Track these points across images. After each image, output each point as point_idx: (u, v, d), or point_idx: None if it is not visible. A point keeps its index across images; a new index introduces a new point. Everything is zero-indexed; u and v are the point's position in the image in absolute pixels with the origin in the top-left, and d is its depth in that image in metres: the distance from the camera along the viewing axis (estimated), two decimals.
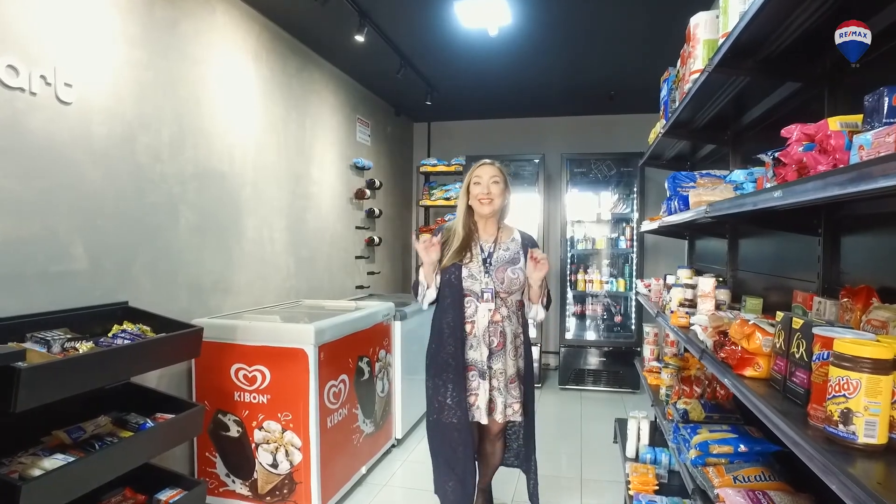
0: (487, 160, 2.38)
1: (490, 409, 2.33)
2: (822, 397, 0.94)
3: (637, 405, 4.77)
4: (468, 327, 2.31)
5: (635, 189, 5.39)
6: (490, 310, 2.29)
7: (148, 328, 2.30)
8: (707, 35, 1.84)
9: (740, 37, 1.44)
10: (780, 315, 1.26)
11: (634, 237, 5.37)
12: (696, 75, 1.90)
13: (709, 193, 2.00)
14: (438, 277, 2.32)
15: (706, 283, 2.06)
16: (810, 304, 1.62)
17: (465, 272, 2.29)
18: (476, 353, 2.30)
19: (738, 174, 1.37)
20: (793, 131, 1.07)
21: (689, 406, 2.23)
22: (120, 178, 2.40)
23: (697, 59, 1.89)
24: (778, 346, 1.23)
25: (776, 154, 1.10)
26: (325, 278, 4.29)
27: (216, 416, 2.76)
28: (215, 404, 2.76)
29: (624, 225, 5.58)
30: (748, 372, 1.34)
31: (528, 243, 2.43)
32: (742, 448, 1.72)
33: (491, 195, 2.32)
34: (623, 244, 5.49)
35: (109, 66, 2.34)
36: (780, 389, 1.21)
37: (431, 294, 2.35)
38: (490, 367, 2.31)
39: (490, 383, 2.31)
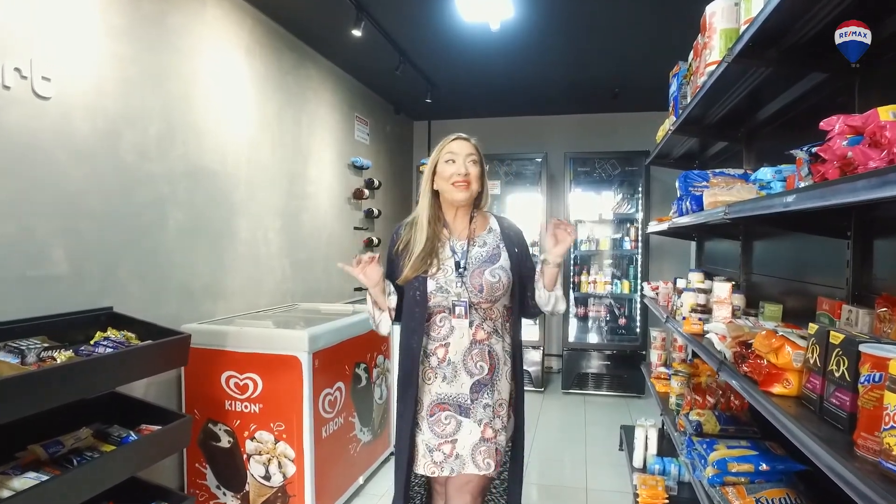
0: (462, 135, 1.84)
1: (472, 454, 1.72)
2: (875, 426, 0.83)
3: (642, 410, 4.65)
4: (440, 353, 1.75)
5: (640, 189, 5.27)
6: (468, 327, 1.74)
7: (133, 335, 2.19)
8: (725, 24, 1.72)
9: (766, 23, 1.33)
10: (812, 327, 1.15)
11: (639, 238, 5.25)
12: (713, 67, 1.78)
13: (725, 193, 1.88)
14: (393, 297, 1.82)
15: (722, 289, 1.94)
16: (838, 313, 1.50)
17: (431, 285, 1.75)
18: (452, 387, 1.73)
19: (765, 172, 1.25)
20: (834, 123, 0.95)
21: (702, 418, 2.11)
22: (104, 177, 2.29)
23: (714, 49, 1.77)
24: (812, 361, 1.11)
25: (813, 149, 0.98)
26: (322, 281, 4.17)
27: (206, 426, 2.65)
28: (206, 413, 2.65)
29: (628, 225, 5.46)
30: (776, 389, 1.22)
31: (510, 233, 1.88)
32: (763, 467, 1.60)
33: (469, 177, 1.76)
34: (627, 245, 5.37)
35: (92, 60, 2.22)
36: (815, 410, 1.09)
37: (386, 321, 1.84)
38: (474, 402, 1.73)
39: (476, 419, 1.73)
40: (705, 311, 2.20)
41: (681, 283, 2.59)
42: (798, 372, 1.20)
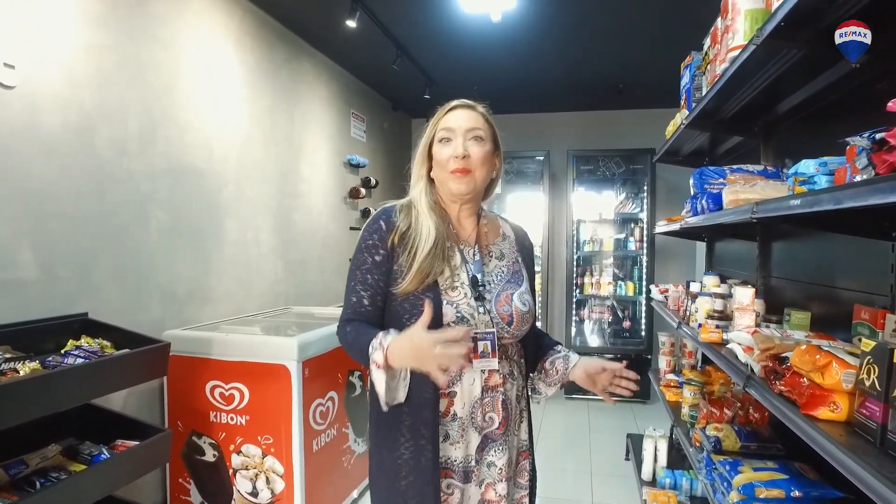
0: (465, 101, 1.35)
1: None
2: None
3: (648, 417, 4.50)
4: (443, 404, 1.25)
5: (645, 188, 5.12)
6: (487, 371, 1.27)
7: (109, 343, 2.04)
8: (750, 4, 1.57)
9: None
10: (867, 343, 0.99)
11: (644, 238, 5.10)
12: (736, 52, 1.62)
13: (747, 191, 1.74)
14: (406, 376, 1.21)
15: (744, 294, 1.79)
16: (881, 323, 1.35)
17: (449, 313, 1.23)
18: (458, 449, 1.26)
19: (807, 165, 1.10)
20: None
21: (721, 433, 1.95)
22: (77, 175, 2.13)
23: (738, 33, 1.62)
24: (869, 384, 0.96)
25: (878, 135, 0.83)
26: (316, 283, 4.02)
27: (190, 439, 2.49)
28: (189, 425, 2.50)
29: (633, 225, 5.30)
30: (821, 413, 1.07)
31: (525, 243, 1.49)
32: (796, 493, 1.45)
33: (469, 161, 1.28)
34: (632, 245, 5.22)
35: (64, 47, 2.07)
36: (874, 442, 0.94)
37: (402, 393, 1.23)
38: (479, 462, 1.28)
39: (481, 485, 1.29)
40: (723, 317, 2.05)
41: (694, 287, 2.44)
42: (848, 394, 1.05)
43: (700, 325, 2.03)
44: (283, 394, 2.36)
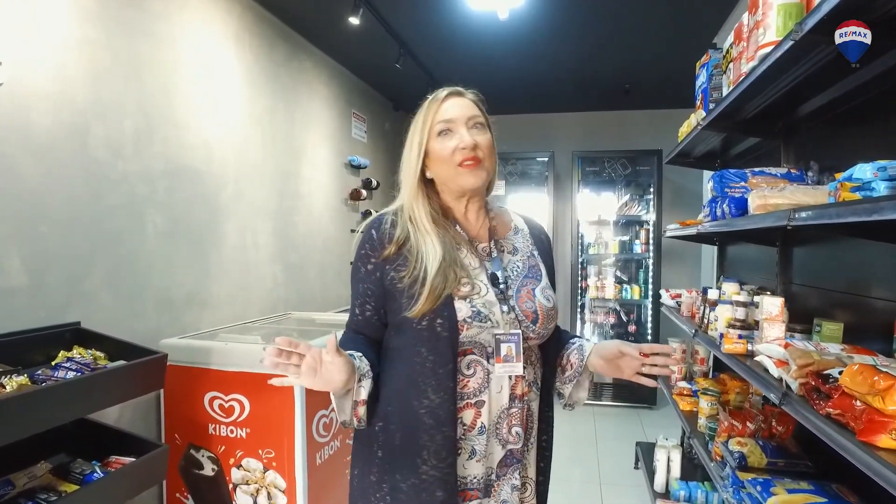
0: (457, 88, 1.24)
1: None
2: None
3: (655, 423, 4.42)
4: (468, 416, 1.14)
5: (652, 189, 5.03)
6: (509, 377, 1.16)
7: (102, 354, 1.94)
8: None
9: None
10: None
11: (651, 241, 5.01)
12: (767, 49, 1.54)
13: (776, 195, 1.65)
14: (365, 382, 1.11)
15: (772, 304, 1.70)
16: None
17: (463, 308, 1.12)
18: (480, 465, 1.15)
19: (863, 170, 1.01)
20: None
21: (745, 448, 1.86)
22: (70, 177, 2.03)
23: (769, 28, 1.53)
24: None
25: None
26: (316, 287, 3.92)
27: (188, 452, 2.39)
28: (187, 438, 2.39)
29: (638, 227, 5.22)
30: (881, 440, 0.98)
31: (540, 235, 1.37)
32: None
33: (479, 150, 1.18)
34: (638, 248, 5.13)
35: (55, 43, 1.97)
36: None
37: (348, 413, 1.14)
38: (501, 477, 1.18)
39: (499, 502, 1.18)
40: (745, 326, 1.96)
41: (713, 294, 2.35)
42: None
43: (722, 336, 1.94)
44: (285, 405, 2.27)
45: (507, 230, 1.32)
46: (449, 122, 1.19)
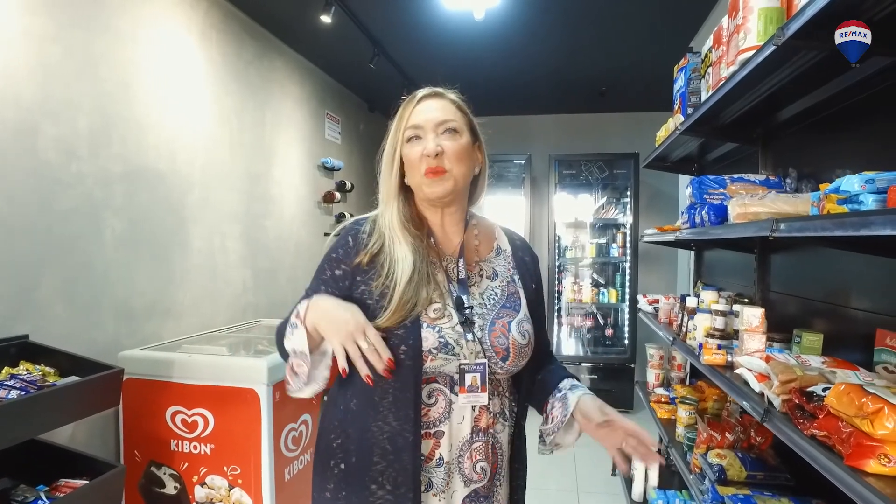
0: (434, 89, 1.17)
1: None
2: None
3: None
4: (426, 446, 1.07)
5: (629, 192, 5.03)
6: (477, 408, 1.09)
7: (52, 370, 1.82)
8: (765, 2, 1.44)
9: None
10: None
11: (628, 244, 5.01)
12: (748, 54, 1.50)
13: (756, 204, 1.61)
14: (324, 360, 1.08)
15: (753, 315, 1.66)
16: None
17: (429, 337, 1.05)
18: (438, 501, 1.08)
19: (851, 182, 0.97)
20: None
21: (724, 461, 1.83)
22: (16, 180, 1.90)
23: (750, 33, 1.49)
24: None
25: None
26: (288, 292, 3.80)
27: (148, 470, 2.27)
28: (148, 455, 2.27)
29: (615, 231, 5.21)
30: (870, 466, 0.94)
31: (524, 257, 1.26)
32: None
33: (443, 158, 1.09)
34: (615, 252, 5.12)
35: None
36: None
37: (312, 389, 1.10)
38: None
39: None
40: (724, 336, 1.92)
41: (691, 302, 2.31)
42: None
43: (701, 346, 1.91)
44: (252, 420, 2.16)
45: (489, 250, 1.23)
46: (417, 127, 1.12)
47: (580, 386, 1.19)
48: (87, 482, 1.76)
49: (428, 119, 1.11)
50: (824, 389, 1.12)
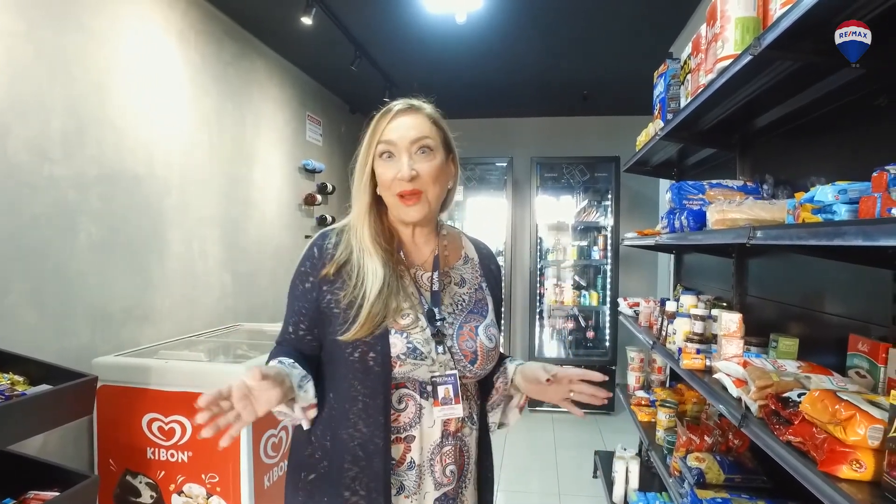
0: (409, 102, 1.15)
1: None
2: None
3: (614, 429, 4.44)
4: (397, 451, 1.08)
5: (610, 196, 5.07)
6: (448, 416, 1.10)
7: (21, 378, 1.77)
8: (742, 12, 1.46)
9: (816, 8, 1.06)
10: (894, 396, 0.88)
11: (609, 247, 5.05)
12: (726, 62, 1.52)
13: (734, 210, 1.63)
14: (307, 386, 1.06)
15: (731, 320, 1.68)
16: (882, 357, 1.26)
17: (398, 343, 1.05)
18: (413, 502, 1.09)
19: (825, 192, 0.99)
20: None
21: (703, 464, 1.85)
22: None
23: (727, 42, 1.51)
24: None
25: None
26: (268, 296, 3.76)
27: (124, 479, 2.23)
28: (123, 463, 2.23)
29: (596, 234, 5.25)
30: (842, 472, 0.95)
31: (490, 265, 1.29)
32: None
33: (419, 181, 1.09)
34: (596, 254, 5.16)
35: None
36: None
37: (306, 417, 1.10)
38: None
39: None
40: (703, 340, 1.95)
41: (670, 306, 2.34)
42: (873, 452, 0.93)
43: (680, 350, 1.93)
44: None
45: (457, 258, 1.24)
46: (390, 144, 1.10)
47: (519, 360, 1.27)
48: (58, 494, 1.72)
49: (402, 136, 1.10)
50: (799, 395, 1.14)
